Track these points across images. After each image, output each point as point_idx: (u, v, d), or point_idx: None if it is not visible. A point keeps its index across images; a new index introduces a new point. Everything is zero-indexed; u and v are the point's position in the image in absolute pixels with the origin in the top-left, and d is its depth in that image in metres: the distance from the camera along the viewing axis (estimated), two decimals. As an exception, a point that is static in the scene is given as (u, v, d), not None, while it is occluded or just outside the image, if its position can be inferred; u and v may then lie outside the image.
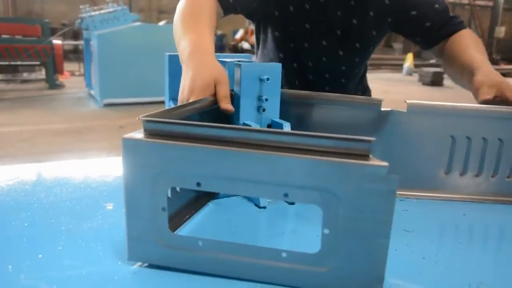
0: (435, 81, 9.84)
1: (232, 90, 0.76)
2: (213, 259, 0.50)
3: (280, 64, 0.77)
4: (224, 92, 0.73)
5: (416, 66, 11.81)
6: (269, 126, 0.78)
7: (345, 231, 0.46)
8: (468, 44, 1.02)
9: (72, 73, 8.91)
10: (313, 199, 0.46)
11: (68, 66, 8.61)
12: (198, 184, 0.49)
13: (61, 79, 7.77)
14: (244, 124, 0.75)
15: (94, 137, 4.49)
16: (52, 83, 7.38)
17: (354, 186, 0.45)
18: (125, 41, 6.04)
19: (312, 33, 1.07)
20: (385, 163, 0.44)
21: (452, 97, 8.66)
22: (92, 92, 6.60)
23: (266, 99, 0.76)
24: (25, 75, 8.16)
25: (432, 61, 14.73)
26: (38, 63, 7.53)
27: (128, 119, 5.25)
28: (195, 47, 0.80)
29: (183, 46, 0.81)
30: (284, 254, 0.48)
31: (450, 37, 1.06)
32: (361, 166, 0.44)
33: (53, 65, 7.31)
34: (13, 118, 5.22)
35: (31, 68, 8.03)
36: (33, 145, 4.13)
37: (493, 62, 15.27)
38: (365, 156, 0.45)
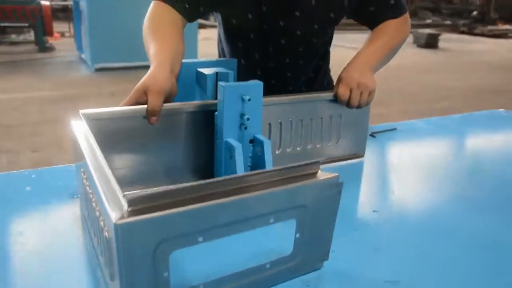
0: (430, 43, 9.76)
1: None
2: None
3: (262, 83, 0.80)
4: (151, 104, 0.78)
5: (412, 26, 11.61)
6: (251, 141, 0.82)
7: (309, 230, 0.61)
8: (378, 35, 1.14)
9: (62, 34, 8.73)
10: (291, 216, 0.59)
11: (57, 26, 8.42)
12: (200, 241, 0.51)
13: (51, 41, 7.63)
14: (227, 143, 0.79)
15: (87, 105, 4.47)
16: (42, 46, 7.26)
17: (317, 196, 0.59)
18: (115, 2, 5.87)
19: (269, 15, 1.08)
20: (336, 174, 0.60)
21: (446, 59, 8.60)
22: (83, 56, 6.50)
23: (248, 119, 0.79)
24: (13, 36, 7.99)
25: (429, 21, 14.52)
26: (26, 24, 7.36)
27: (119, 85, 5.22)
28: (153, 58, 0.88)
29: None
30: (268, 265, 0.60)
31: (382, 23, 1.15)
32: (322, 181, 0.59)
33: (42, 27, 7.16)
34: (4, 84, 5.18)
35: (19, 30, 7.86)
36: (25, 114, 4.13)
37: (491, 21, 15.05)
38: (316, 173, 0.60)
